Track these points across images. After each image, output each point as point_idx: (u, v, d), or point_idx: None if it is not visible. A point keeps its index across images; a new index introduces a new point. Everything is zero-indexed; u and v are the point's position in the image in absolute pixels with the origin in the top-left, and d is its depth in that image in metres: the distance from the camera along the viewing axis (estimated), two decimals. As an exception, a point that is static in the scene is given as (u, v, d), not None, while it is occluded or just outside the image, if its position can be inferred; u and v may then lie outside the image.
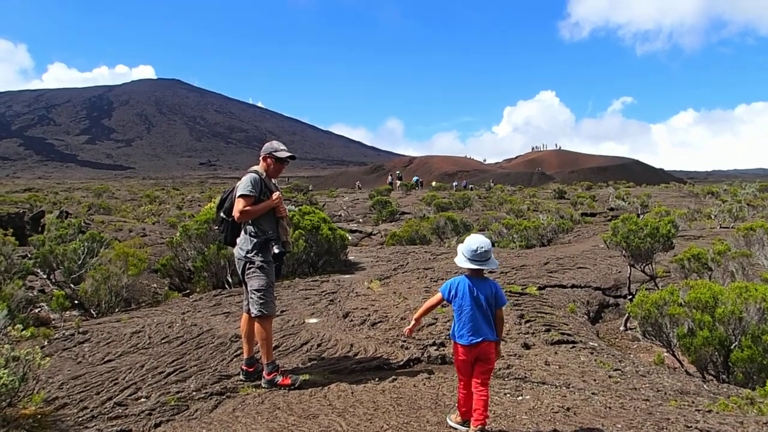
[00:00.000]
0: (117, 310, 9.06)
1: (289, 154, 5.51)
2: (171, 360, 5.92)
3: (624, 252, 9.84)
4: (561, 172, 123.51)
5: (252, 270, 5.25)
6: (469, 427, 3.93)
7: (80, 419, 4.61)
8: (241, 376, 5.41)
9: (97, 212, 27.43)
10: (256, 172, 5.38)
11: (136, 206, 36.25)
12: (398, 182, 58.71)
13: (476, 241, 4.00)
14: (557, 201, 37.19)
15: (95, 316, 8.87)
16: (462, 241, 4.15)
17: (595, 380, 5.35)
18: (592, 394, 4.88)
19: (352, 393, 4.92)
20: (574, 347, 6.59)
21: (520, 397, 4.74)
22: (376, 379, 5.30)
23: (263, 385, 5.20)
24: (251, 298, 5.22)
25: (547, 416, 4.26)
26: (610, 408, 4.47)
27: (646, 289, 8.40)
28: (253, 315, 5.22)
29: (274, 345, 5.83)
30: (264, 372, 5.25)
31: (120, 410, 4.73)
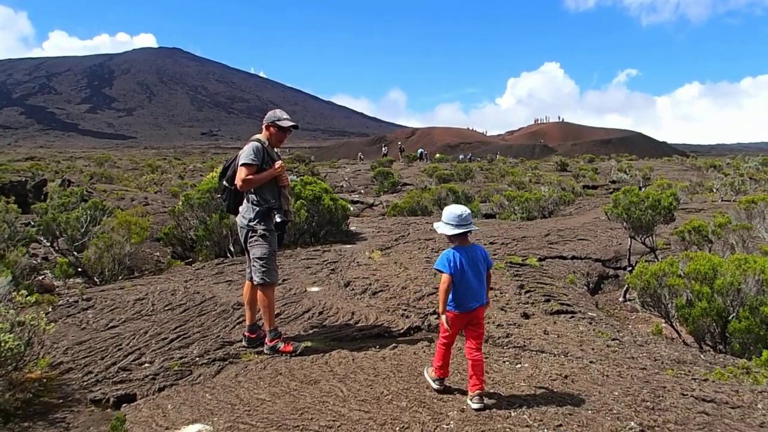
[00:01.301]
0: (120, 277, 9.13)
1: (292, 123, 5.49)
2: (174, 326, 5.99)
3: (625, 224, 9.87)
4: (563, 144, 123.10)
5: (254, 238, 5.27)
6: (442, 385, 4.15)
7: (85, 383, 4.69)
8: (244, 343, 5.47)
9: (99, 181, 27.44)
10: (258, 140, 5.36)
11: (138, 175, 36.24)
12: (400, 154, 58.38)
13: (458, 208, 4.12)
14: (559, 173, 37.13)
15: (98, 283, 8.94)
16: (440, 218, 4.22)
17: (593, 349, 5.41)
18: (590, 362, 4.94)
19: (353, 360, 4.98)
20: (573, 317, 6.65)
21: (519, 365, 4.80)
22: (377, 347, 5.36)
23: (265, 352, 5.26)
24: (254, 266, 5.26)
25: (545, 384, 4.32)
26: (607, 376, 4.53)
27: (646, 261, 8.45)
28: (255, 283, 5.26)
29: (276, 313, 5.88)
30: (266, 339, 5.31)
31: (124, 375, 4.81)
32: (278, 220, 5.24)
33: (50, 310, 6.77)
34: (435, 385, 4.18)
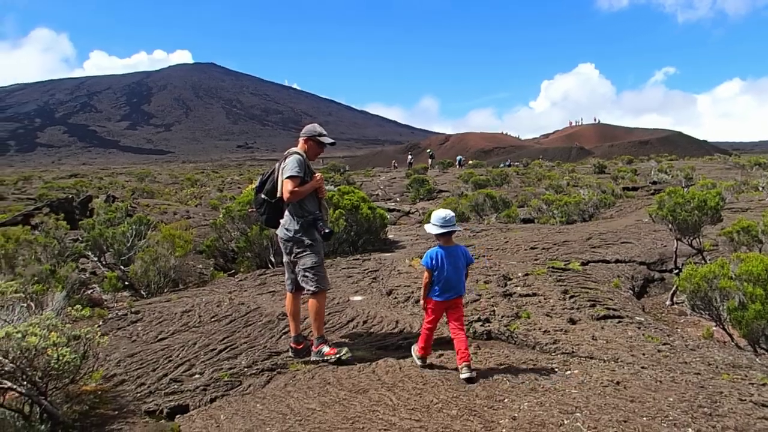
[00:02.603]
0: (166, 290, 9.31)
1: (331, 141, 5.60)
2: (221, 338, 6.08)
3: (670, 225, 9.65)
4: (600, 146, 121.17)
5: (301, 249, 5.33)
6: (425, 362, 4.92)
7: (138, 395, 4.79)
8: (290, 354, 5.53)
9: (140, 196, 28.06)
10: (298, 153, 5.44)
11: (179, 189, 36.95)
12: (430, 161, 58.25)
13: (443, 212, 4.87)
14: (597, 176, 36.50)
15: (145, 296, 9.14)
16: (429, 221, 4.97)
17: (644, 354, 5.31)
18: (642, 368, 4.84)
19: (400, 368, 4.98)
20: (620, 322, 6.53)
21: (569, 372, 4.73)
22: (423, 355, 5.34)
23: (313, 357, 5.31)
24: (306, 275, 5.30)
25: (596, 390, 4.26)
26: (660, 382, 4.43)
27: (693, 263, 8.25)
28: (310, 291, 5.30)
29: (321, 322, 5.92)
30: (313, 345, 5.36)
31: (176, 386, 4.90)
32: (327, 230, 5.29)
33: (101, 323, 6.93)
34: (419, 363, 4.94)
